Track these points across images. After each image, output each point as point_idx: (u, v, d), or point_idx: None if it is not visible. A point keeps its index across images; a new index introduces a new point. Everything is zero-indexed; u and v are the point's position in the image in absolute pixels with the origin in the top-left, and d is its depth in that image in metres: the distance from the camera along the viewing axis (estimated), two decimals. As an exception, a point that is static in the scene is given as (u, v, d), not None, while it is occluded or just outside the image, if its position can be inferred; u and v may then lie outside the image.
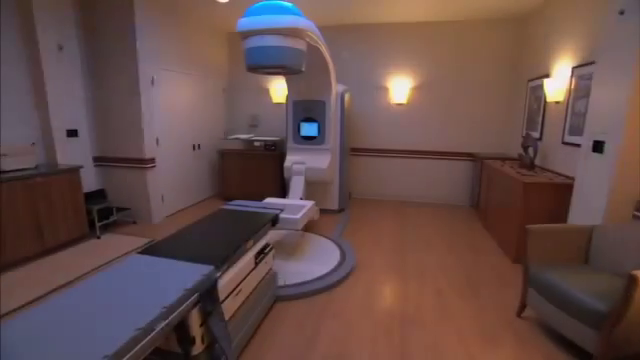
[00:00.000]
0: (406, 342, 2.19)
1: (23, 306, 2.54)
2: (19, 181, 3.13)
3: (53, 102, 3.72)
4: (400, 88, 5.24)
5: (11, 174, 3.13)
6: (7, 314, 2.44)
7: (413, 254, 3.54)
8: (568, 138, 3.32)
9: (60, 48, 3.76)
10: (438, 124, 5.28)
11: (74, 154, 3.99)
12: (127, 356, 1.15)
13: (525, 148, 3.78)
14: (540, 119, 3.94)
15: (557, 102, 3.57)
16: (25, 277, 2.99)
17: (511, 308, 2.54)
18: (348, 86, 4.83)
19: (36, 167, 3.46)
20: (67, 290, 1.50)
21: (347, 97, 4.62)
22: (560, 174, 3.38)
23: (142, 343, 1.22)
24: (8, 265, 3.09)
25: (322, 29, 3.60)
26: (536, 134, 4.00)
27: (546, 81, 3.64)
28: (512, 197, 3.34)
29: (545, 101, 3.81)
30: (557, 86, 3.52)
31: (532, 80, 4.24)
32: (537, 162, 3.78)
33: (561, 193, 3.05)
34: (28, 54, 3.56)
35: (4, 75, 3.38)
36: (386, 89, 5.36)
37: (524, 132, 4.35)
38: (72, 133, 3.99)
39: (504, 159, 4.44)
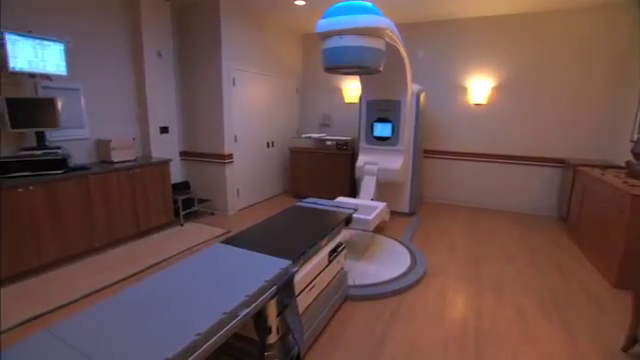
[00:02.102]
0: (481, 357, 2.04)
1: (123, 280, 2.90)
2: (123, 171, 3.58)
3: (151, 102, 4.19)
4: (480, 87, 4.89)
5: (118, 165, 3.60)
6: (110, 286, 2.81)
7: (488, 265, 3.28)
8: (696, 144, 2.79)
9: (159, 54, 4.21)
10: (522, 126, 4.82)
11: (165, 148, 4.44)
12: (215, 337, 1.23)
13: (636, 155, 3.26)
14: (657, 121, 3.37)
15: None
16: (124, 255, 3.40)
17: (612, 340, 2.20)
18: (422, 86, 4.65)
19: (135, 159, 3.91)
20: (161, 271, 1.64)
21: (422, 97, 4.45)
22: (683, 187, 2.85)
23: (227, 327, 1.29)
24: (113, 243, 3.55)
25: (397, 27, 3.50)
26: (650, 139, 3.42)
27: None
28: (616, 211, 2.90)
29: (666, 100, 3.24)
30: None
31: (648, 76, 3.64)
32: (651, 171, 3.23)
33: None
34: (134, 60, 4.05)
35: (118, 79, 3.90)
36: (464, 89, 5.05)
37: (635, 136, 3.75)
38: (164, 130, 4.45)
39: (605, 167, 3.87)
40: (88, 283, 2.83)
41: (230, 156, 4.63)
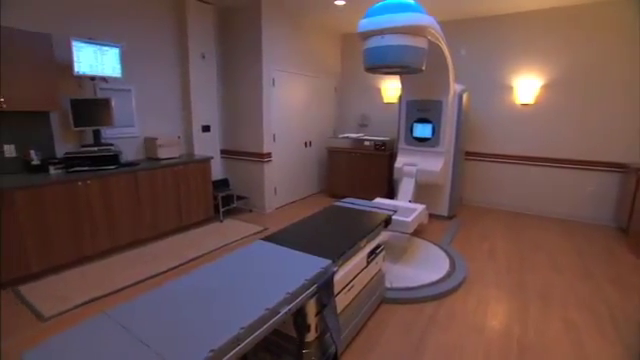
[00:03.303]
0: (530, 374, 1.94)
1: (166, 271, 3.06)
2: (168, 167, 3.76)
3: (195, 102, 4.37)
4: (527, 87, 4.64)
5: (164, 161, 3.78)
6: (156, 276, 2.96)
7: (533, 274, 3.09)
8: None
9: (203, 56, 4.39)
10: (573, 127, 4.49)
11: (206, 147, 4.61)
12: (257, 332, 1.26)
13: None
14: None
15: None
16: (167, 248, 3.57)
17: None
18: (465, 85, 4.48)
19: (180, 156, 4.09)
20: (206, 265, 1.70)
21: (465, 97, 4.29)
22: None
23: (269, 323, 1.32)
24: (157, 236, 3.74)
25: (440, 24, 3.40)
26: None
27: None
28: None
29: None
30: None
31: None
32: None
33: None
34: (180, 62, 4.25)
35: (165, 80, 4.12)
36: (510, 88, 4.80)
37: None
38: (206, 129, 4.62)
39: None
40: (135, 273, 3.00)
41: (269, 155, 4.72)
